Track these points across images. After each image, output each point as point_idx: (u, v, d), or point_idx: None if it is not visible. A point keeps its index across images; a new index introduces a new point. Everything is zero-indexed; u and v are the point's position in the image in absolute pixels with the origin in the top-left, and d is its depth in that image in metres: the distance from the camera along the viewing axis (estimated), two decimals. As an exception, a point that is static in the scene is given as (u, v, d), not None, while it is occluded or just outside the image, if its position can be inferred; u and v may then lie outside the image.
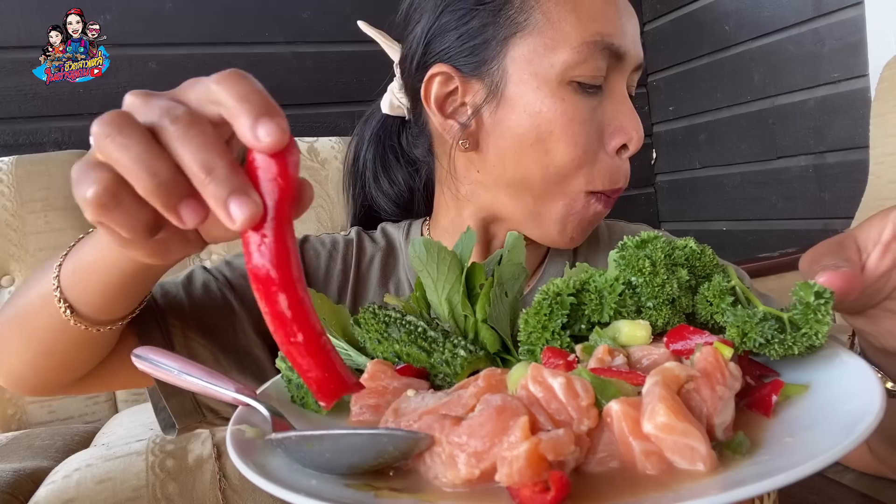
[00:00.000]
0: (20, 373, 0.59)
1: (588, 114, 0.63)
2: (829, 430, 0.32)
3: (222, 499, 1.10)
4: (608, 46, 0.62)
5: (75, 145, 1.81)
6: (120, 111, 0.34)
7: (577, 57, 0.61)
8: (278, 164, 0.32)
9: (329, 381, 0.34)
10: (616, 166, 0.65)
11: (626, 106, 0.65)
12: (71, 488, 1.03)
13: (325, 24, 2.06)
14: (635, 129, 0.64)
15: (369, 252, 0.76)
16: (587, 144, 0.63)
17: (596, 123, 0.63)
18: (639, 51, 0.65)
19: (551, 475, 0.29)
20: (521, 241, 0.50)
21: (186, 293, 0.66)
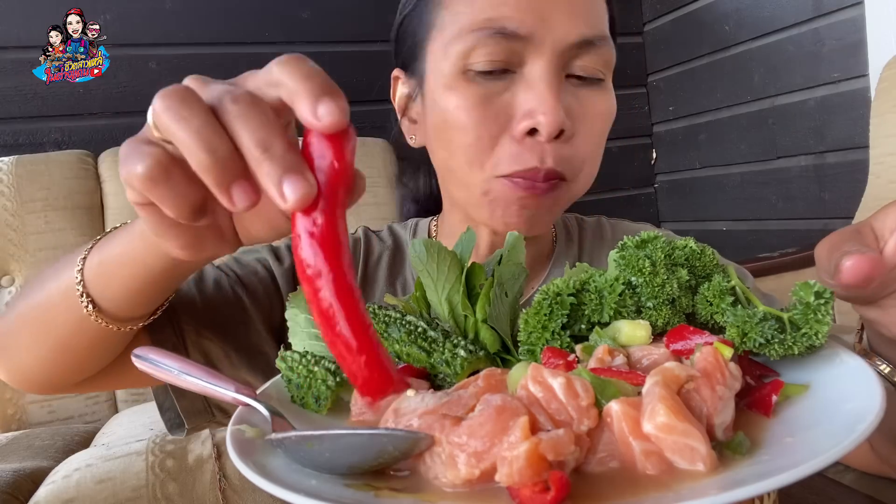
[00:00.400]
0: (30, 370, 0.58)
1: (483, 100, 0.61)
2: (830, 430, 0.32)
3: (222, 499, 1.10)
4: (500, 31, 0.60)
5: (75, 145, 1.81)
6: (182, 86, 0.34)
7: (467, 45, 0.61)
8: (335, 147, 0.32)
9: (375, 379, 0.33)
10: (523, 150, 0.61)
11: (537, 89, 0.60)
12: (71, 488, 1.03)
13: (325, 24, 2.06)
14: (543, 113, 0.59)
15: (376, 251, 0.76)
16: (482, 130, 0.61)
17: (497, 109, 0.61)
18: (566, 29, 0.60)
19: (551, 475, 0.29)
20: (521, 241, 0.50)
21: (198, 290, 0.66)
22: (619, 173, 2.51)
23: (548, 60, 0.60)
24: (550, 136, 0.59)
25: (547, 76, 0.60)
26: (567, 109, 0.61)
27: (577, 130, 0.62)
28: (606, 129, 0.66)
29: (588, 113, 0.63)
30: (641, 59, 2.53)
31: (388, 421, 0.37)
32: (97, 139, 1.84)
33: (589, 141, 0.63)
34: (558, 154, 0.61)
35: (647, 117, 2.55)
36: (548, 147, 0.60)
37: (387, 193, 1.88)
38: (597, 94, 0.64)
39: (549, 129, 0.59)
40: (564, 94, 0.62)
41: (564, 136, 0.61)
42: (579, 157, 0.63)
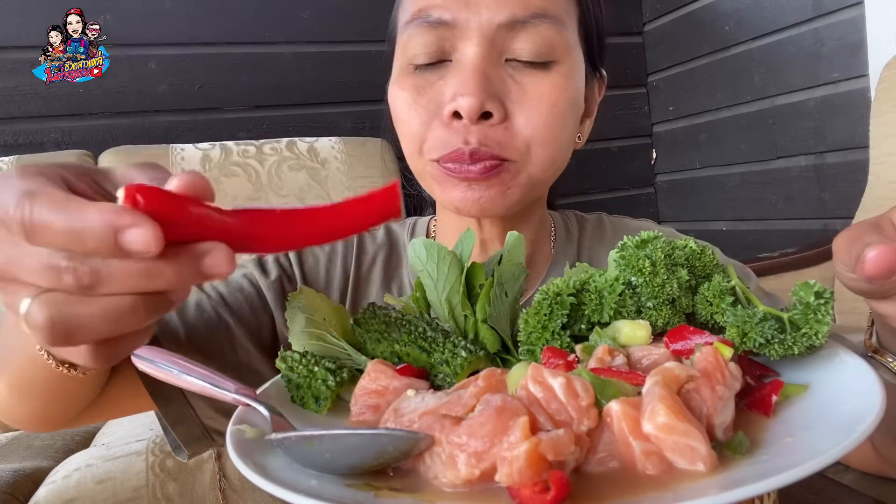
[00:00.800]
0: (24, 418, 0.58)
1: (418, 90, 0.63)
2: (829, 430, 0.32)
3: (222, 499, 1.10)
4: (425, 20, 0.61)
5: (75, 145, 1.81)
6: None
7: (404, 39, 0.63)
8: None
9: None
10: (449, 134, 0.61)
11: (461, 73, 0.60)
12: (71, 488, 1.03)
13: (325, 24, 2.06)
14: (462, 94, 0.59)
15: (370, 252, 0.75)
16: (416, 118, 0.63)
17: (429, 97, 0.62)
18: (491, 11, 0.60)
19: (551, 475, 0.29)
20: (522, 241, 0.50)
21: (179, 317, 0.65)
22: (619, 173, 2.51)
23: (476, 44, 0.60)
24: (472, 118, 0.59)
25: (472, 59, 0.60)
26: (501, 92, 0.61)
27: (514, 112, 0.61)
28: (557, 112, 0.62)
29: (528, 95, 0.61)
30: (641, 59, 2.53)
31: (388, 421, 0.37)
32: (97, 139, 1.84)
33: (531, 123, 0.61)
34: (486, 135, 0.60)
35: (647, 117, 2.55)
36: (473, 128, 0.60)
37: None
38: (541, 76, 0.62)
39: (468, 110, 0.58)
40: (500, 77, 0.61)
41: (494, 118, 0.60)
42: (521, 140, 0.61)
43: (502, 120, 0.61)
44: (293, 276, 0.72)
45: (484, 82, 0.59)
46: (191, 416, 0.63)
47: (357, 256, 0.74)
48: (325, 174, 1.82)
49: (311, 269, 0.73)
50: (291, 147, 1.83)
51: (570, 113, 0.64)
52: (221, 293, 0.67)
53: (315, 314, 0.49)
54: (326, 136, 1.89)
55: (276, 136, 1.90)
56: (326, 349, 0.48)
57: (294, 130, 1.98)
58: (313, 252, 0.74)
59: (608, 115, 2.46)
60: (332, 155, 1.85)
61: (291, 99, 2.04)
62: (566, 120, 0.64)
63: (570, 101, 0.64)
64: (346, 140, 1.90)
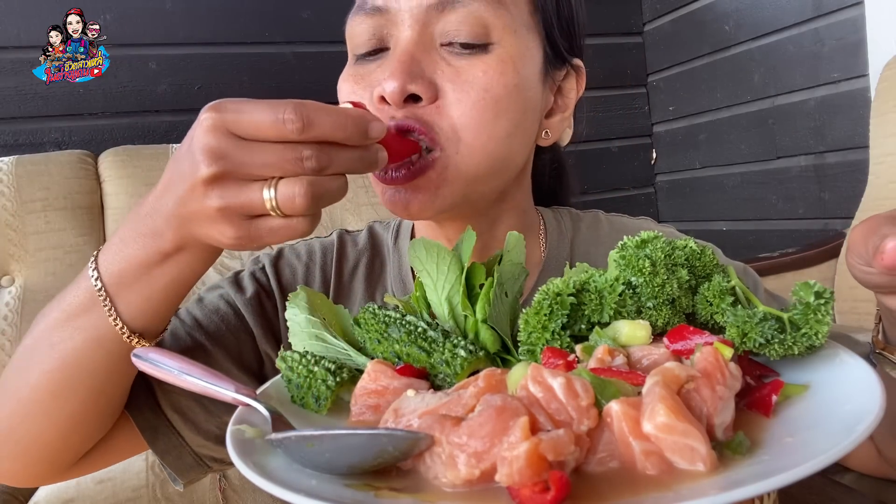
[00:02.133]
0: (32, 457, 0.57)
1: (356, 79, 0.62)
2: (829, 430, 0.32)
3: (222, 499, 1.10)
4: (362, 9, 0.61)
5: (75, 145, 1.81)
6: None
7: (348, 31, 0.64)
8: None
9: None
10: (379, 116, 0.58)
11: (390, 58, 0.59)
12: (71, 488, 1.03)
13: (325, 24, 2.06)
14: (386, 78, 0.57)
15: (351, 258, 0.72)
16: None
17: (364, 86, 0.61)
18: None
19: (551, 475, 0.29)
20: (522, 241, 0.50)
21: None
22: (619, 173, 2.51)
23: (408, 27, 0.59)
24: (396, 102, 0.57)
25: (402, 44, 0.59)
26: (431, 74, 0.58)
27: (446, 92, 0.58)
28: (490, 96, 0.58)
29: (460, 77, 0.58)
30: (641, 59, 2.53)
31: (388, 421, 0.37)
32: (97, 139, 1.84)
33: (461, 106, 0.58)
34: (412, 113, 0.58)
35: (647, 117, 2.55)
36: (399, 113, 0.58)
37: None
38: (476, 59, 0.59)
39: (392, 94, 0.56)
40: (432, 60, 0.59)
41: (424, 101, 0.58)
42: (449, 122, 0.58)
43: (432, 101, 0.58)
44: (271, 290, 0.69)
45: (409, 65, 0.57)
46: (180, 445, 0.62)
47: (337, 262, 0.71)
48: (325, 174, 1.82)
49: (289, 282, 0.70)
50: (291, 147, 1.83)
51: (508, 100, 0.59)
52: (196, 317, 0.65)
53: (315, 314, 0.49)
54: (326, 136, 1.89)
55: (276, 136, 1.90)
56: (326, 349, 0.48)
57: (294, 130, 1.97)
58: (290, 263, 0.71)
59: (608, 115, 2.46)
60: (332, 155, 1.85)
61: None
62: (502, 107, 0.59)
63: (509, 86, 0.59)
64: (346, 140, 1.90)
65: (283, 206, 0.43)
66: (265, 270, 0.70)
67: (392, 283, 0.70)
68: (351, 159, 0.45)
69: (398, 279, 0.70)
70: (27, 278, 1.55)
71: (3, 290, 1.55)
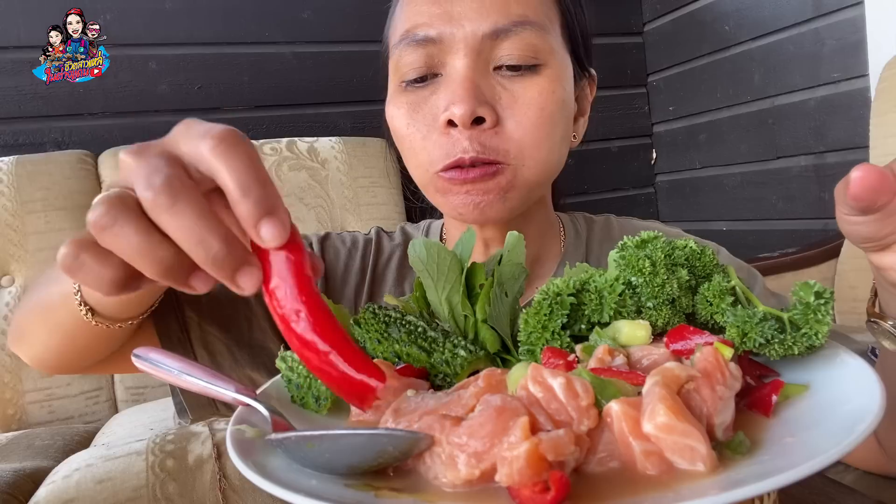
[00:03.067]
0: (43, 356, 0.63)
1: (413, 107, 0.65)
2: (829, 430, 0.32)
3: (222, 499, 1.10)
4: (413, 40, 0.64)
5: (75, 145, 1.81)
6: (112, 196, 0.32)
7: (395, 59, 0.66)
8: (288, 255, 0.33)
9: (355, 389, 0.36)
10: (448, 143, 0.63)
11: (452, 83, 0.63)
12: (71, 488, 1.03)
13: (325, 24, 2.06)
14: (454, 102, 0.61)
15: (387, 252, 0.77)
16: (416, 133, 0.65)
17: (425, 112, 0.65)
18: (475, 24, 0.62)
19: (551, 475, 0.29)
20: (522, 241, 0.50)
21: None
22: (619, 173, 2.51)
23: (463, 56, 0.63)
24: (465, 124, 0.61)
25: (461, 71, 0.63)
26: (491, 99, 0.63)
27: (505, 118, 0.63)
28: (549, 111, 0.64)
29: (518, 100, 0.63)
30: (641, 59, 2.53)
31: (388, 421, 0.37)
32: (97, 139, 1.84)
33: (522, 126, 0.63)
34: (482, 142, 0.62)
35: (647, 117, 2.55)
36: (468, 134, 0.62)
37: (387, 193, 1.88)
38: (529, 81, 0.64)
39: (461, 116, 0.61)
40: (489, 85, 0.63)
41: (487, 123, 0.62)
42: (514, 143, 0.63)
43: (494, 124, 0.63)
44: None
45: (473, 90, 0.62)
46: None
47: (375, 254, 0.77)
48: (325, 174, 1.82)
49: (331, 262, 0.75)
50: (291, 147, 1.83)
51: (560, 114, 0.66)
52: None
53: (315, 314, 0.49)
54: (326, 136, 1.89)
55: (276, 136, 1.90)
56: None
57: (294, 130, 1.98)
58: (335, 246, 0.77)
59: (608, 115, 2.46)
60: (332, 155, 1.85)
61: (291, 99, 2.04)
62: (556, 121, 0.65)
63: (559, 102, 0.65)
64: (346, 140, 1.89)
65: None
66: (312, 247, 0.77)
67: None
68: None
69: None
70: (27, 278, 1.56)
71: (3, 290, 1.55)
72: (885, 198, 0.40)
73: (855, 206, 0.41)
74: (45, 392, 1.51)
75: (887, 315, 0.50)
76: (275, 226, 0.31)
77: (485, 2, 0.63)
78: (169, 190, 0.31)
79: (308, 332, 0.34)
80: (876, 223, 0.42)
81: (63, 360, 0.63)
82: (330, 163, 1.84)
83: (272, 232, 0.31)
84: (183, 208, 0.31)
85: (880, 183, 0.39)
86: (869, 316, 0.51)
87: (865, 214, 0.42)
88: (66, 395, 1.52)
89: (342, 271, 0.75)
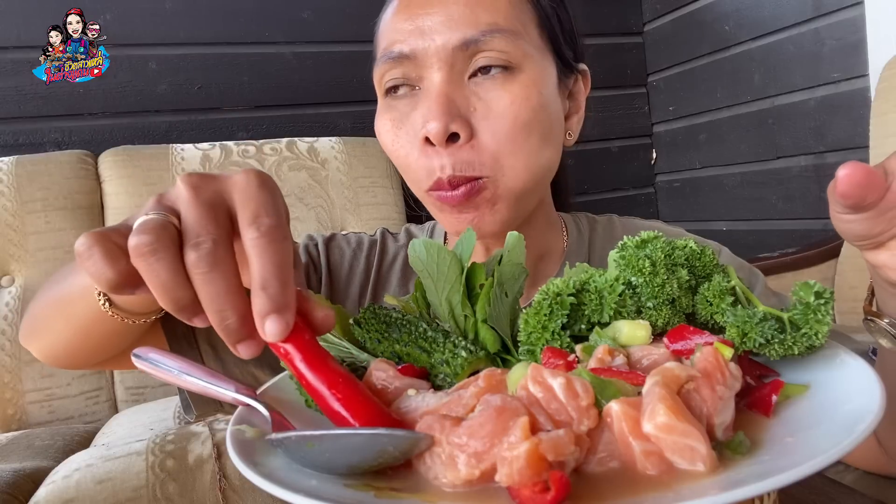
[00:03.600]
0: (57, 350, 0.64)
1: (397, 123, 0.66)
2: (830, 430, 0.32)
3: (222, 499, 1.10)
4: (389, 57, 0.65)
5: (75, 145, 1.81)
6: (158, 226, 0.35)
7: (377, 75, 0.67)
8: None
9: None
10: (428, 162, 0.63)
11: (427, 99, 0.63)
12: (71, 488, 1.03)
13: (325, 24, 2.06)
14: (428, 119, 0.62)
15: (391, 253, 0.78)
16: (399, 150, 0.67)
17: (407, 128, 0.66)
18: (444, 37, 0.62)
19: (551, 475, 0.29)
20: (522, 241, 0.50)
21: None
22: (619, 173, 2.51)
23: (437, 70, 0.63)
24: (440, 141, 0.62)
25: (435, 86, 0.63)
26: (465, 111, 0.63)
27: (480, 130, 0.63)
28: (523, 119, 0.64)
29: (492, 111, 0.63)
30: (641, 59, 2.53)
31: (388, 421, 0.37)
32: (97, 139, 1.84)
33: (496, 138, 0.63)
34: (457, 158, 0.62)
35: (647, 117, 2.55)
36: (444, 153, 0.62)
37: (387, 193, 1.88)
38: (502, 89, 0.63)
39: (435, 135, 0.61)
40: (464, 97, 0.63)
41: (461, 139, 0.62)
42: (489, 155, 0.63)
43: (469, 139, 0.63)
44: (319, 265, 0.76)
45: (446, 105, 0.62)
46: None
47: (379, 255, 0.78)
48: (325, 174, 1.82)
49: (336, 263, 0.76)
50: (291, 147, 1.83)
51: (536, 119, 0.65)
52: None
53: (315, 314, 0.49)
54: (326, 136, 1.89)
55: (276, 136, 1.90)
56: (328, 348, 0.48)
57: (294, 130, 1.98)
58: (340, 246, 0.78)
59: (608, 115, 2.46)
60: (332, 155, 1.85)
61: (291, 99, 2.04)
62: (531, 128, 0.64)
63: (535, 108, 0.64)
64: (346, 140, 1.89)
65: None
66: (318, 247, 0.78)
67: None
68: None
69: None
70: (27, 278, 1.56)
71: (3, 290, 1.55)
72: (873, 195, 0.40)
73: (844, 203, 0.41)
74: (45, 392, 1.51)
75: (884, 313, 0.50)
76: (277, 324, 0.35)
77: (453, 14, 0.63)
78: (210, 258, 0.34)
79: (326, 410, 0.38)
80: (868, 221, 0.42)
81: (76, 354, 0.64)
82: (330, 163, 1.83)
83: (273, 329, 0.35)
84: (215, 278, 0.34)
85: (867, 180, 0.39)
86: (866, 314, 0.51)
87: (857, 212, 0.42)
88: (66, 395, 1.52)
89: (347, 272, 0.76)
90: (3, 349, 1.49)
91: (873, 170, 0.40)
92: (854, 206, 0.41)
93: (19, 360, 1.49)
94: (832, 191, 0.42)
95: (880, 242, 0.45)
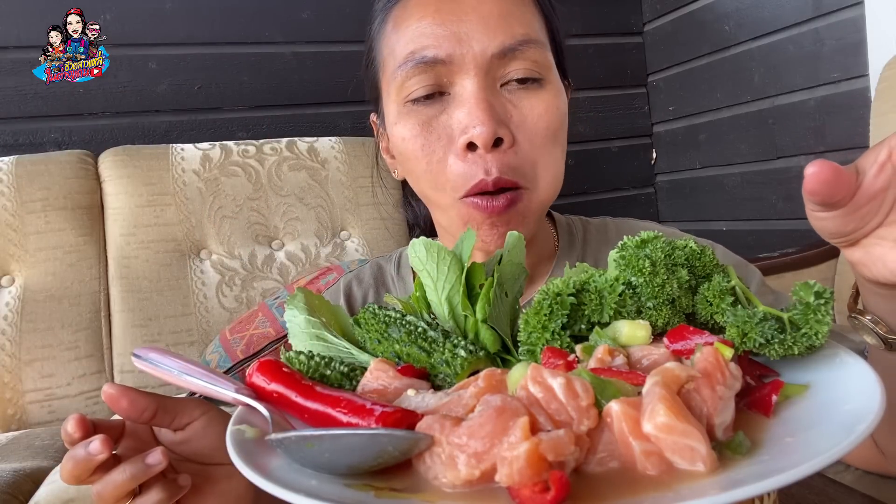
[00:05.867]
0: None
1: (424, 126, 0.65)
2: (829, 430, 0.32)
3: (222, 499, 1.10)
4: (420, 61, 0.64)
5: (75, 145, 1.81)
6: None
7: (399, 80, 0.66)
8: None
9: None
10: (468, 165, 0.63)
11: (468, 104, 0.63)
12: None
13: (325, 24, 2.06)
14: (475, 125, 0.61)
15: (359, 297, 0.79)
16: (429, 155, 0.65)
17: (438, 132, 0.65)
18: (483, 44, 0.63)
19: (551, 475, 0.29)
20: (522, 241, 0.50)
21: None
22: (619, 173, 2.51)
23: (473, 76, 0.63)
24: (487, 146, 0.62)
25: (474, 91, 0.63)
26: (504, 118, 0.63)
27: (517, 137, 0.64)
28: (553, 128, 0.65)
29: (527, 117, 0.64)
30: (641, 59, 2.53)
31: (388, 421, 0.37)
32: (97, 139, 1.84)
33: (533, 144, 0.64)
34: (502, 162, 0.63)
35: (647, 117, 2.55)
36: (489, 157, 0.63)
37: (386, 194, 1.87)
38: (535, 95, 0.65)
39: (484, 138, 0.61)
40: (500, 104, 0.64)
41: (505, 144, 0.63)
42: (528, 162, 0.64)
43: (511, 145, 0.63)
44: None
45: (490, 110, 0.62)
46: None
47: (347, 304, 0.78)
48: (325, 174, 1.82)
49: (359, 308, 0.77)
50: (291, 147, 1.83)
51: (562, 129, 0.67)
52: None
53: (314, 315, 0.49)
54: (326, 136, 1.89)
55: (276, 136, 1.90)
56: (328, 348, 0.48)
57: (294, 130, 1.97)
58: (353, 293, 0.78)
59: (608, 115, 2.46)
60: (332, 155, 1.85)
61: (291, 99, 2.04)
62: (559, 137, 0.67)
63: (562, 117, 0.67)
64: (346, 140, 1.89)
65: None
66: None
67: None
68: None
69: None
70: (27, 278, 1.56)
71: (3, 290, 1.55)
72: (841, 193, 0.41)
73: (813, 200, 0.42)
74: (45, 392, 1.50)
75: (866, 310, 0.50)
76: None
77: (489, 22, 0.63)
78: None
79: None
80: (840, 218, 0.43)
81: None
82: (330, 163, 1.83)
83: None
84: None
85: (835, 178, 0.40)
86: (850, 311, 0.52)
87: (828, 210, 0.42)
88: (66, 395, 1.52)
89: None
90: (3, 349, 1.48)
91: (842, 168, 0.40)
92: (823, 204, 0.42)
93: (19, 360, 1.49)
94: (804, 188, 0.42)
95: (855, 240, 0.45)
